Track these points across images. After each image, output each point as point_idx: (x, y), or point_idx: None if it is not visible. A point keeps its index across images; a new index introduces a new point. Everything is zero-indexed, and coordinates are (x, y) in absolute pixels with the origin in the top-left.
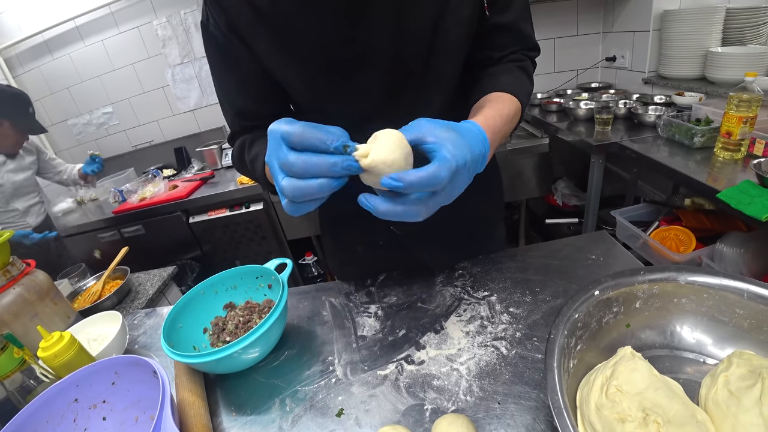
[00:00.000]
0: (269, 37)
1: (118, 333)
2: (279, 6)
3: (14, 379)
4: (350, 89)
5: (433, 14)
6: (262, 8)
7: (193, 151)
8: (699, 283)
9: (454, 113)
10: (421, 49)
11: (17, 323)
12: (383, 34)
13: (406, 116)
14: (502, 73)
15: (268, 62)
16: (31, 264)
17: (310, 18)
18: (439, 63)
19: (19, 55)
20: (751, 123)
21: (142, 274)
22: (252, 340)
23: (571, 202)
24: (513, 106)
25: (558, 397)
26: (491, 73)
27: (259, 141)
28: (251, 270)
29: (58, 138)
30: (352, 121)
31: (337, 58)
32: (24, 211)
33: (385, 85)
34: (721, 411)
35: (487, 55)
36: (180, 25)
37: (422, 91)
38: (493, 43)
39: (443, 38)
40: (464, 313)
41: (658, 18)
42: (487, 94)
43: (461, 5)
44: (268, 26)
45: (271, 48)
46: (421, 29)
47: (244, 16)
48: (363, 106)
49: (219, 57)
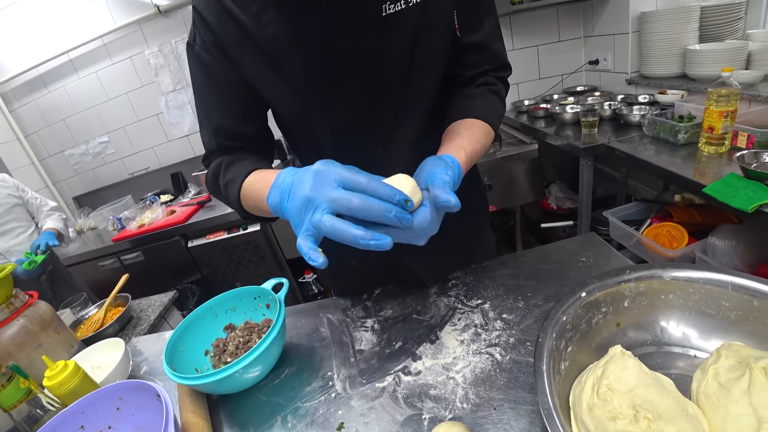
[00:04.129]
0: (255, 52)
1: (121, 360)
2: (264, 21)
3: (21, 409)
4: (335, 102)
5: (414, 28)
6: (247, 25)
7: (189, 176)
8: (684, 278)
9: (434, 125)
10: (403, 63)
11: (21, 354)
12: (369, 46)
13: (389, 128)
14: (476, 97)
15: (253, 78)
16: (33, 295)
17: (295, 31)
18: (420, 76)
19: (15, 90)
20: (732, 117)
21: (143, 301)
22: (251, 360)
23: (566, 205)
24: (484, 132)
25: (547, 399)
26: (467, 95)
27: (234, 165)
28: (249, 291)
29: (55, 169)
30: (338, 133)
31: (323, 72)
32: (5, 251)
33: (369, 97)
34: (712, 403)
35: (460, 73)
36: (171, 53)
37: (404, 104)
38: (465, 61)
39: (424, 51)
40: (458, 322)
41: (636, 20)
42: (462, 119)
43: (439, 21)
44: (253, 42)
45: (257, 63)
46: (404, 42)
47: (231, 34)
48: (348, 118)
49: (203, 76)
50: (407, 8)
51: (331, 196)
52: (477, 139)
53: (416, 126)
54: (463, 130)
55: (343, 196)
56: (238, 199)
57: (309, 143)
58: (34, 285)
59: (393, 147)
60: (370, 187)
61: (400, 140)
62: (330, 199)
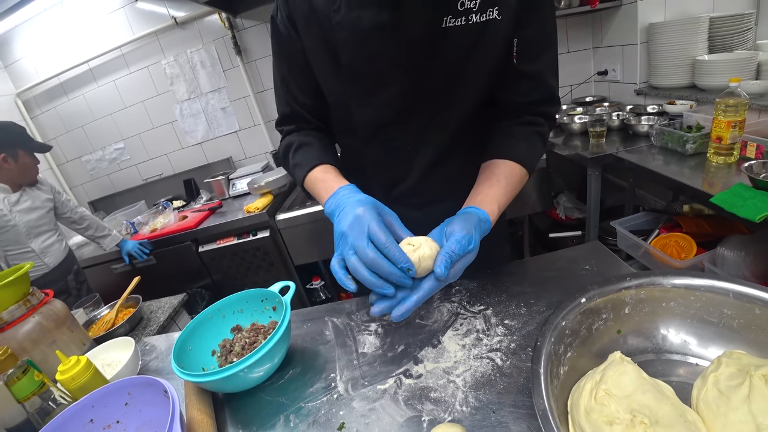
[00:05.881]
0: (318, 35)
1: (130, 358)
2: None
3: (34, 401)
4: (375, 98)
5: (469, 45)
6: (317, 7)
7: (201, 183)
8: (684, 286)
9: (465, 138)
10: (450, 75)
11: (36, 350)
12: (421, 53)
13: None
14: (522, 139)
15: (311, 56)
16: (49, 294)
17: (356, 26)
18: (463, 91)
19: (37, 97)
20: (740, 127)
21: (153, 302)
22: (256, 359)
23: (574, 215)
24: (522, 178)
25: (543, 401)
26: (514, 134)
27: (302, 150)
28: (256, 293)
29: (73, 174)
30: (373, 125)
31: (371, 68)
32: (40, 251)
33: (409, 100)
34: (712, 411)
35: (510, 98)
36: (187, 63)
37: (442, 113)
38: (517, 89)
39: (472, 69)
40: (460, 327)
41: (645, 31)
42: (504, 160)
43: (494, 44)
44: (319, 25)
45: (317, 44)
46: (456, 56)
47: (302, 11)
48: (385, 114)
49: (279, 46)
50: (466, 25)
51: (357, 245)
52: (512, 189)
53: (449, 135)
54: (503, 177)
55: (363, 249)
56: (302, 183)
57: (345, 127)
58: (62, 283)
59: (422, 148)
60: (385, 248)
61: (431, 145)
62: (354, 246)
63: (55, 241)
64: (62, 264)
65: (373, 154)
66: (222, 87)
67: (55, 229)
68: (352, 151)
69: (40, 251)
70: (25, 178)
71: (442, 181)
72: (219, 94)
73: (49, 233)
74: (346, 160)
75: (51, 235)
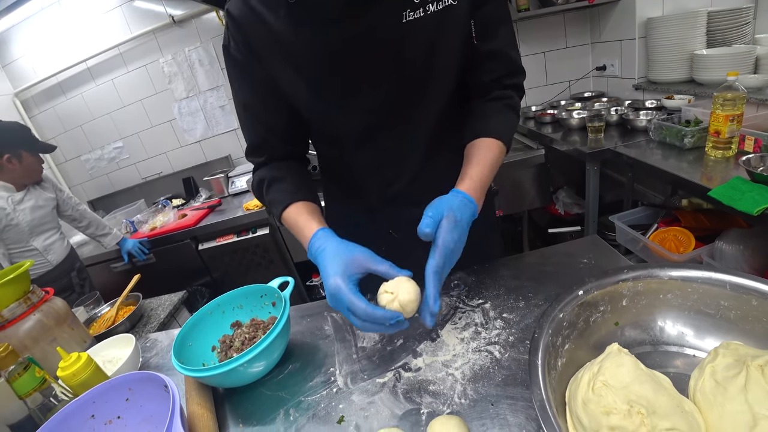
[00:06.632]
0: (280, 53)
1: (131, 354)
2: (288, 23)
3: (35, 397)
4: (352, 108)
5: (433, 34)
6: (273, 27)
7: (200, 181)
8: (681, 278)
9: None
10: (421, 67)
11: (37, 348)
12: (389, 51)
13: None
14: (492, 115)
15: (280, 78)
16: (49, 292)
17: (316, 34)
18: (437, 80)
19: (35, 97)
20: (738, 120)
21: (153, 300)
22: (256, 354)
23: (573, 211)
24: (497, 152)
25: (540, 391)
26: (484, 113)
27: (275, 186)
28: (255, 289)
29: (72, 173)
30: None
31: (342, 73)
32: (43, 249)
33: (386, 99)
34: (708, 401)
35: (478, 78)
36: (185, 61)
37: (420, 106)
38: (483, 68)
39: (441, 57)
40: (459, 320)
41: (643, 26)
42: (478, 138)
43: (456, 29)
44: (278, 42)
45: (281, 64)
46: (422, 48)
47: (259, 34)
48: (365, 118)
49: (237, 73)
50: (426, 16)
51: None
52: (492, 165)
53: (431, 128)
54: (482, 157)
55: (354, 318)
56: (279, 218)
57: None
58: (65, 280)
59: (409, 147)
60: (367, 318)
61: (415, 138)
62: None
63: (58, 239)
64: (65, 261)
65: (362, 160)
66: (220, 85)
67: (58, 227)
68: (336, 162)
69: (42, 249)
70: (30, 178)
71: (435, 176)
72: (217, 92)
73: (52, 231)
74: (330, 171)
75: (53, 233)
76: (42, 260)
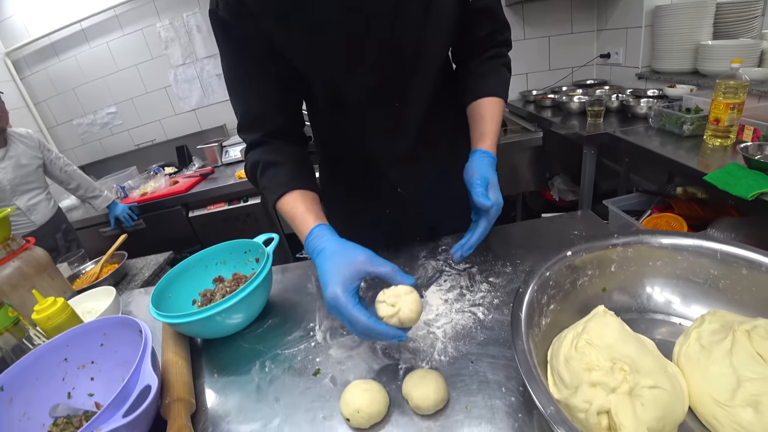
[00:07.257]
0: (281, 12)
1: (111, 304)
2: None
3: (7, 338)
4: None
5: None
6: None
7: (194, 149)
8: (672, 246)
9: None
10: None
11: (15, 294)
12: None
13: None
14: (489, 75)
15: (280, 35)
16: (30, 240)
17: None
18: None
19: (27, 57)
20: (738, 109)
21: (139, 260)
22: (233, 303)
23: (568, 198)
24: (501, 108)
25: (522, 342)
26: (482, 73)
27: (270, 172)
28: (240, 244)
29: (63, 138)
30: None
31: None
32: (26, 209)
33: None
34: (692, 364)
35: (474, 36)
36: (182, 27)
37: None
38: (478, 25)
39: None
40: (444, 283)
41: (650, 14)
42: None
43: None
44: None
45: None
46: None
47: None
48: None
49: (226, 37)
50: None
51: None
52: (498, 120)
53: (431, 89)
54: (489, 114)
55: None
56: (274, 207)
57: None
58: (50, 241)
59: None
60: (369, 332)
61: (417, 100)
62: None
63: (43, 199)
64: (50, 222)
65: (368, 119)
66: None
67: (44, 187)
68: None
69: (26, 209)
70: None
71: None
72: (215, 59)
73: (37, 191)
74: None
75: (39, 192)
76: (25, 220)
